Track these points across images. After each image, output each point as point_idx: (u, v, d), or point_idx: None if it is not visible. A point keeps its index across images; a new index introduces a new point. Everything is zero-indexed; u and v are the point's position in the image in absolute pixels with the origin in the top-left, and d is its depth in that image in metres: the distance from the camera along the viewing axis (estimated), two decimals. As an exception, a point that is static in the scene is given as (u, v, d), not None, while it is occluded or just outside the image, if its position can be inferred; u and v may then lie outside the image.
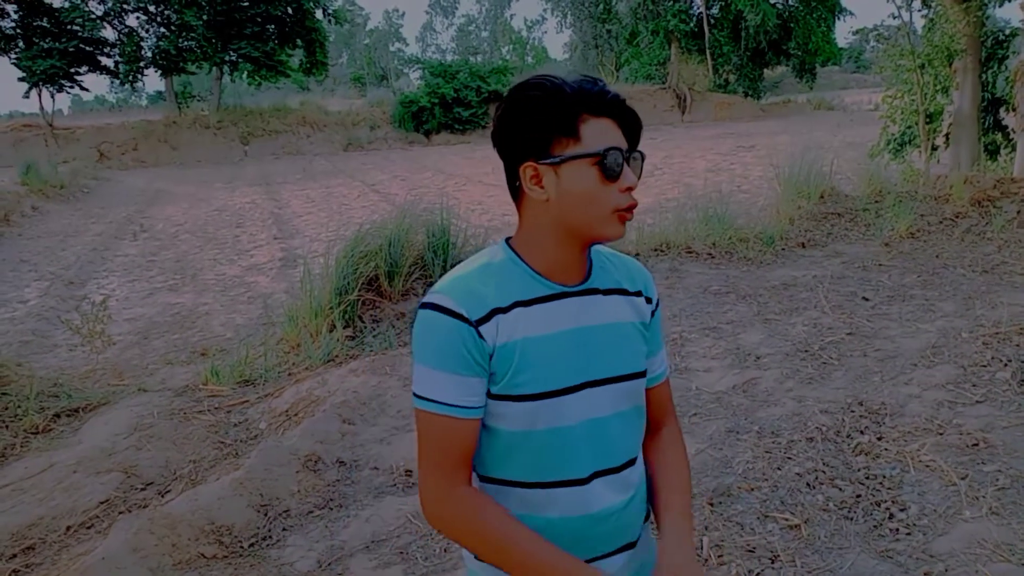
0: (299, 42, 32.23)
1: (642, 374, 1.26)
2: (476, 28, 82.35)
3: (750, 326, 5.20)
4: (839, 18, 36.42)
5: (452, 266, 6.10)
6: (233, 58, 31.40)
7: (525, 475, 1.19)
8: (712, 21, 35.80)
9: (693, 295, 5.92)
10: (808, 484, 3.16)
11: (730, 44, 35.80)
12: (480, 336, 1.12)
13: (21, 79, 27.99)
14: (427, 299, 1.15)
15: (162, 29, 30.16)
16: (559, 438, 1.17)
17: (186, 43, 29.89)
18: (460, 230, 6.28)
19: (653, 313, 1.31)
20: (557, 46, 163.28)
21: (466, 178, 17.50)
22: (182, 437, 3.95)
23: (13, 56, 27.83)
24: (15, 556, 2.93)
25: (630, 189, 1.13)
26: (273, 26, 31.11)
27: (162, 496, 3.35)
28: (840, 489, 3.10)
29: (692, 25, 35.74)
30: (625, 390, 1.23)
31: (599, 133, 1.11)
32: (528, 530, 1.14)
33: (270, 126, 29.52)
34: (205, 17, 29.33)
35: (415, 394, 1.17)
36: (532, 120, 1.12)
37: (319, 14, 32.33)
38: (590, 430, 1.19)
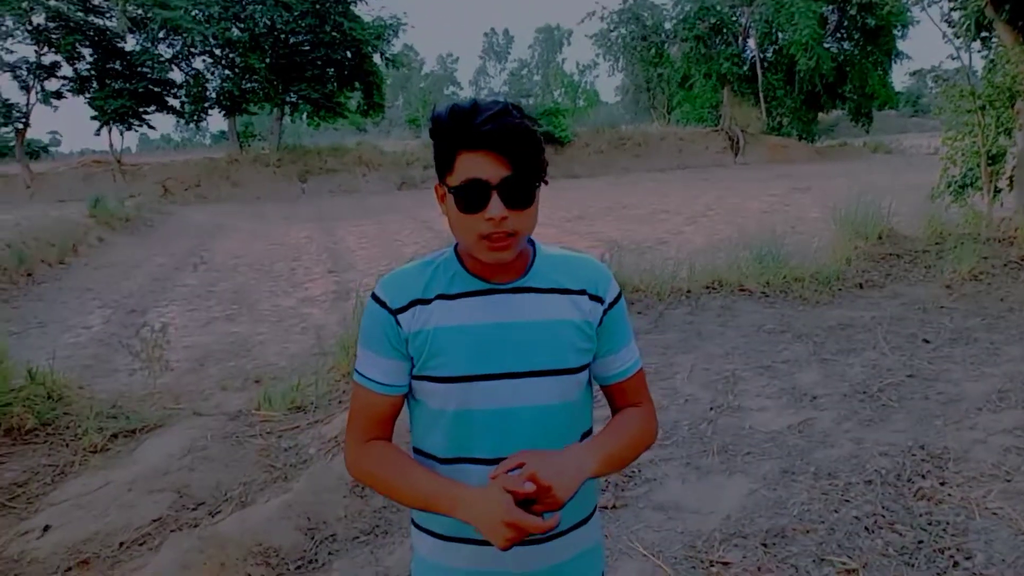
0: (357, 85, 33.12)
1: (574, 370, 1.30)
2: (528, 72, 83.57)
3: (806, 366, 5.08)
4: (896, 61, 36.00)
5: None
6: (293, 99, 32.39)
7: (440, 450, 1.30)
8: (766, 65, 35.74)
9: (746, 333, 5.82)
10: (867, 528, 3.04)
11: (784, 88, 35.62)
12: (397, 323, 1.27)
13: (94, 117, 29.30)
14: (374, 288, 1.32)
15: (226, 71, 31.32)
16: (467, 420, 1.27)
17: (249, 85, 30.97)
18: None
19: (607, 312, 1.34)
20: (609, 89, 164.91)
21: (517, 217, 17.61)
22: (234, 460, 4.00)
23: (87, 96, 29.19)
24: (70, 569, 2.99)
25: (492, 219, 1.18)
26: (333, 69, 32.04)
27: (213, 516, 3.38)
28: (900, 534, 2.98)
29: (745, 69, 35.72)
30: (549, 384, 1.28)
31: (469, 167, 1.18)
32: (419, 469, 1.27)
33: (327, 165, 30.25)
34: (268, 60, 30.39)
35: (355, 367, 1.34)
36: (433, 149, 1.24)
37: (377, 58, 33.21)
38: (498, 418, 1.26)
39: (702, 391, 4.76)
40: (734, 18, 35.70)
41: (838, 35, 35.80)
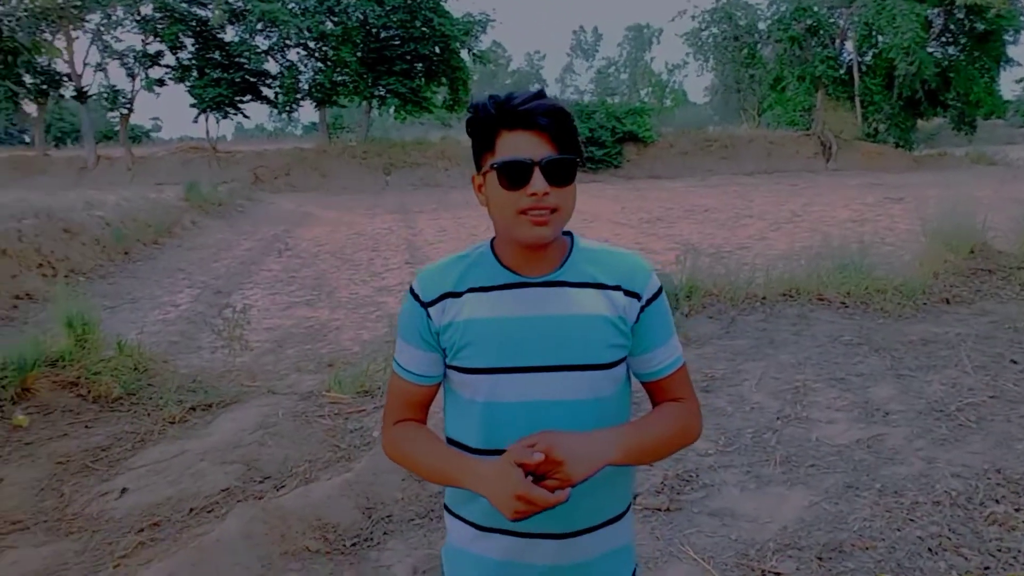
0: (444, 80, 33.57)
1: (606, 366, 1.29)
2: (616, 71, 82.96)
3: (881, 380, 4.91)
4: (1004, 68, 34.14)
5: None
6: (382, 93, 33.10)
7: (472, 440, 1.33)
8: (863, 68, 34.43)
9: (821, 344, 5.66)
10: (930, 549, 2.94)
11: (882, 92, 34.24)
12: (428, 316, 1.32)
13: (192, 105, 30.67)
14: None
15: (319, 64, 32.23)
16: (495, 412, 1.29)
17: (340, 78, 31.78)
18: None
19: (644, 308, 1.32)
20: (698, 89, 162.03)
21: (594, 215, 17.55)
22: (302, 438, 4.15)
23: (187, 84, 30.56)
24: (142, 530, 3.17)
25: (535, 194, 1.21)
26: (421, 64, 32.57)
27: (277, 490, 3.53)
28: (966, 559, 2.86)
29: (841, 72, 34.49)
30: (579, 379, 1.27)
31: (511, 145, 1.22)
32: (439, 444, 1.33)
33: (411, 158, 30.77)
34: (359, 54, 31.12)
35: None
36: (471, 138, 1.30)
37: (464, 54, 33.59)
38: (527, 411, 1.27)
39: (770, 400, 4.66)
40: (831, 19, 34.53)
41: (943, 39, 34.19)
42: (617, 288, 1.31)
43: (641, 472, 3.75)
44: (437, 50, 32.27)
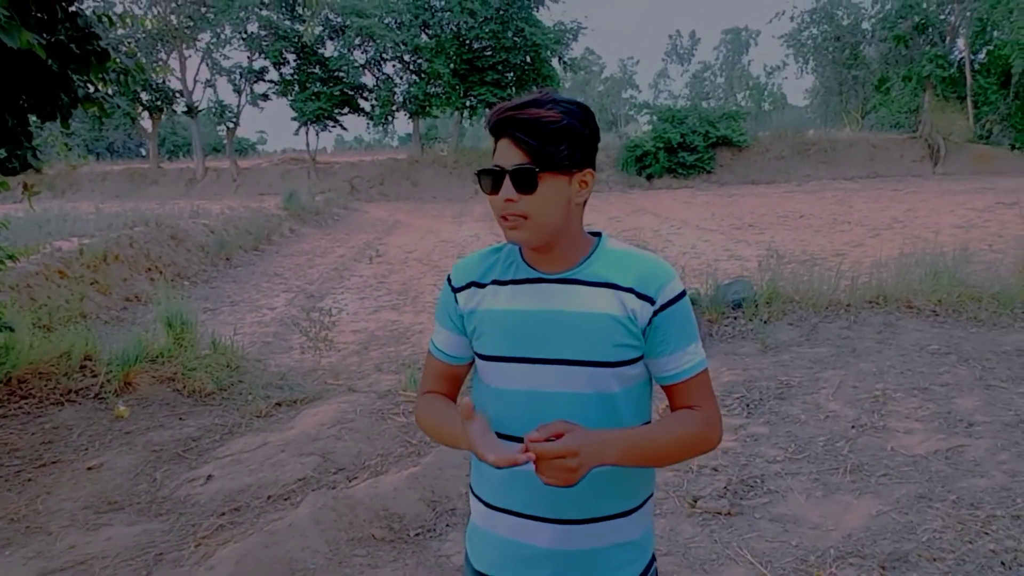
0: (534, 88, 33.71)
1: (610, 364, 1.32)
2: (712, 74, 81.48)
3: (967, 391, 4.70)
4: None
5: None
6: (473, 103, 33.67)
7: (490, 424, 1.34)
8: (976, 67, 32.65)
9: (906, 353, 5.46)
10: (1003, 563, 2.82)
11: (997, 92, 32.36)
12: (456, 301, 1.44)
13: (294, 118, 32.04)
14: None
15: (413, 76, 33.11)
16: (502, 397, 1.38)
17: (433, 89, 32.54)
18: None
19: (658, 312, 1.33)
20: (798, 92, 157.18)
21: (683, 222, 17.35)
22: (376, 433, 4.33)
23: (289, 98, 31.97)
24: (224, 514, 3.40)
25: (507, 200, 1.29)
26: (512, 74, 32.96)
27: (349, 481, 3.70)
28: (1043, 574, 2.74)
29: (952, 71, 32.82)
30: (578, 373, 1.32)
31: (497, 152, 1.32)
32: (454, 413, 1.38)
33: (500, 167, 31.14)
34: (452, 65, 31.78)
35: None
36: None
37: (555, 62, 33.76)
38: (529, 399, 1.33)
39: (846, 408, 4.54)
40: (941, 16, 32.94)
41: (1065, 33, 32.02)
42: (629, 290, 1.33)
43: (703, 477, 3.74)
44: (528, 59, 32.58)
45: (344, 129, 36.09)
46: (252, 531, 3.16)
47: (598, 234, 1.43)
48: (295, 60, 31.87)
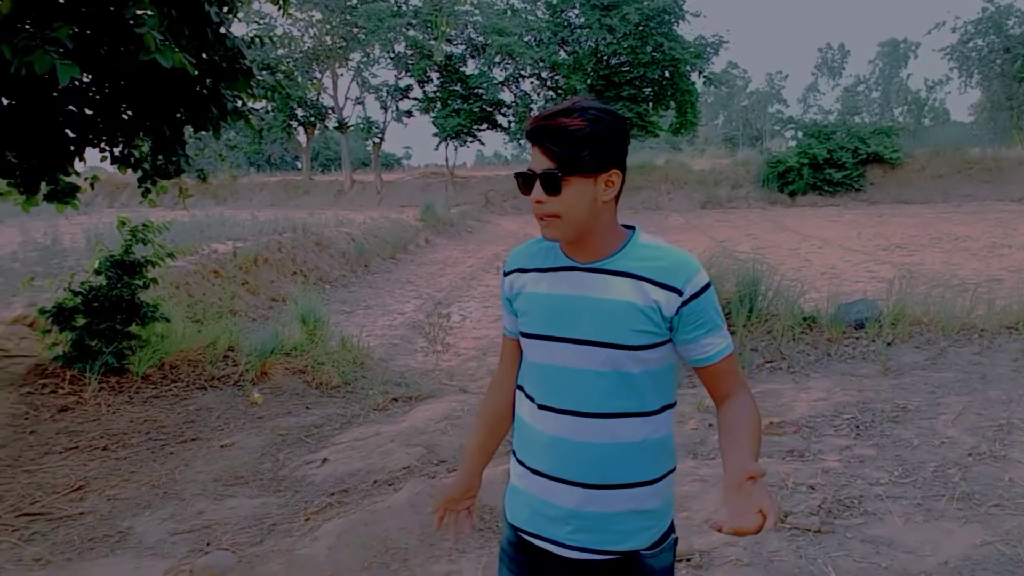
0: (671, 103, 33.49)
1: (629, 347, 1.46)
2: (866, 89, 77.55)
3: (1110, 425, 4.35)
4: None
5: (757, 314, 6.03)
6: (608, 119, 33.66)
7: (530, 392, 1.60)
8: None
9: (1044, 382, 5.10)
10: (1113, 604, 2.65)
11: None
12: (505, 284, 1.66)
13: (435, 134, 33.33)
14: None
15: (550, 92, 33.62)
16: (534, 370, 1.58)
17: (570, 105, 32.82)
18: (777, 284, 6.21)
19: (686, 303, 1.46)
20: (963, 107, 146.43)
21: (825, 240, 16.69)
22: (479, 432, 4.55)
23: (432, 115, 33.28)
24: (333, 494, 3.72)
25: (537, 202, 1.46)
26: (649, 89, 32.81)
27: (449, 472, 3.93)
28: None
29: None
30: (599, 354, 1.47)
31: (532, 158, 1.47)
32: (481, 427, 1.80)
33: (633, 182, 30.99)
34: (589, 81, 32.03)
35: None
36: None
37: (695, 77, 33.30)
38: (556, 373, 1.52)
39: (965, 436, 4.32)
40: None
41: None
42: (654, 282, 1.47)
43: (798, 494, 3.70)
44: (667, 74, 32.30)
45: (482, 144, 37.19)
46: (356, 511, 3.44)
47: (632, 228, 1.59)
48: (438, 78, 33.16)
